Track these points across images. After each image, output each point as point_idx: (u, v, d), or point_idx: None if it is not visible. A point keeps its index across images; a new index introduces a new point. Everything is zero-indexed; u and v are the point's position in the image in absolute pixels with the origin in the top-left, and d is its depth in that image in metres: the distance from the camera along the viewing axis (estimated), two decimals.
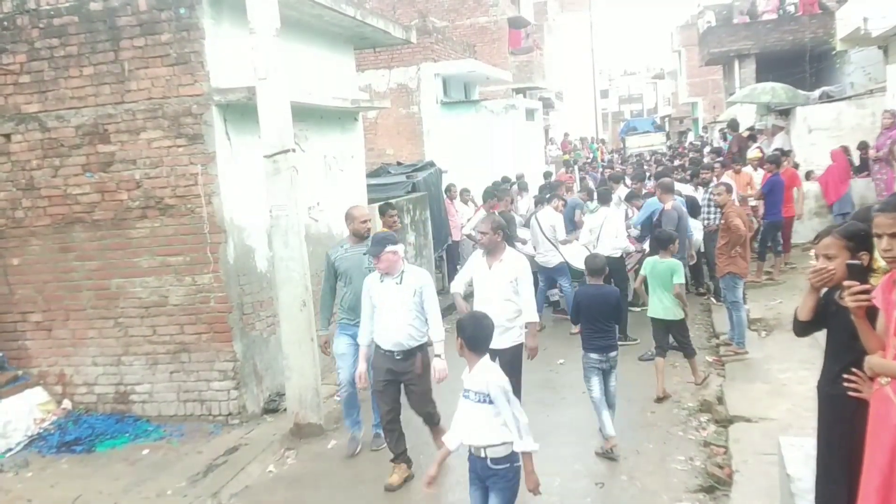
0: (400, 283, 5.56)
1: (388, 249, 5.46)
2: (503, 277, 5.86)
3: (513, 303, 5.88)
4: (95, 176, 7.20)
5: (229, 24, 7.09)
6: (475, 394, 4.14)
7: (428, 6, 26.23)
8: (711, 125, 34.03)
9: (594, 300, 6.32)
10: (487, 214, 5.97)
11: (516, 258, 6.00)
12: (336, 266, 6.31)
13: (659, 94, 69.41)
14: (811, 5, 23.73)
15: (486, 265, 5.97)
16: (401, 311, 5.56)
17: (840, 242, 3.20)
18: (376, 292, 5.65)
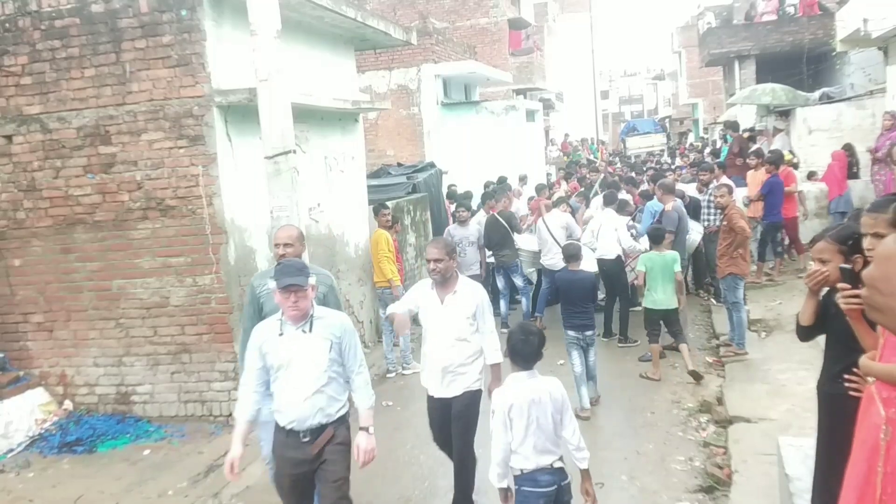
0: (309, 332, 4.06)
1: (311, 282, 4.04)
2: (460, 313, 4.90)
3: (469, 343, 4.94)
4: (97, 177, 7.22)
5: (230, 26, 7.11)
6: None
7: (428, 7, 26.27)
8: (712, 126, 34.07)
9: (572, 284, 7.17)
10: (437, 237, 4.93)
11: (472, 287, 5.03)
12: (262, 302, 4.97)
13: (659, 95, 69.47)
14: (811, 7, 23.76)
15: (437, 299, 4.94)
16: (310, 373, 4.05)
17: (833, 247, 3.22)
18: (273, 348, 4.07)
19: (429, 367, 5.09)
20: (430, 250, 4.93)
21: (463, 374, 4.95)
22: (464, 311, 4.90)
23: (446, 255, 4.86)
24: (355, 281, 9.73)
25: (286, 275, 3.94)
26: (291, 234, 4.93)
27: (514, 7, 29.99)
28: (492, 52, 26.74)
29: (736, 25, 26.19)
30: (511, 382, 4.00)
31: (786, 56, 22.71)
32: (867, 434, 2.78)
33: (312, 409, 4.07)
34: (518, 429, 3.91)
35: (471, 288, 5.01)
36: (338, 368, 4.16)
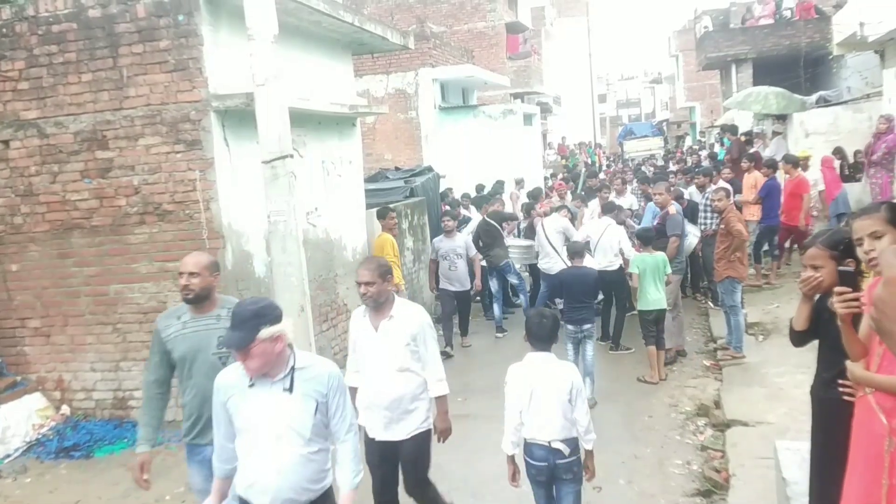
0: (290, 391, 3.18)
1: (263, 336, 3.06)
2: (397, 340, 4.36)
3: (413, 374, 4.42)
4: (94, 182, 7.22)
5: (227, 31, 7.12)
6: None
7: (426, 11, 26.29)
8: (709, 129, 34.12)
9: (575, 279, 7.49)
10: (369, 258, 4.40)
11: (412, 310, 4.50)
12: (168, 346, 4.16)
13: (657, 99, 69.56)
14: (807, 10, 23.82)
15: (371, 326, 4.42)
16: (290, 442, 3.19)
17: (824, 252, 3.23)
18: (240, 405, 3.22)
19: (367, 404, 4.47)
20: (360, 272, 4.37)
21: (410, 413, 4.43)
22: (402, 337, 4.36)
23: (378, 278, 4.31)
24: (353, 285, 9.65)
25: (243, 325, 3.08)
26: (199, 261, 4.14)
27: (512, 11, 30.04)
28: (489, 56, 26.77)
29: (733, 29, 26.26)
30: (527, 361, 4.35)
31: (783, 59, 22.76)
32: (868, 445, 2.75)
33: (291, 487, 3.18)
34: (524, 402, 4.26)
35: (410, 311, 4.46)
36: (323, 433, 3.31)
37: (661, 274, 7.84)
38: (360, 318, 4.52)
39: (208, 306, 4.16)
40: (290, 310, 6.68)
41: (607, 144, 51.56)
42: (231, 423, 3.26)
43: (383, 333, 4.38)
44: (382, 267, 4.38)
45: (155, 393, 4.28)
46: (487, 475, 6.01)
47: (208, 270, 4.13)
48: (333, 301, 9.14)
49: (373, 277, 4.30)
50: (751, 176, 11.26)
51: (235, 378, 3.24)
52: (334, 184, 9.35)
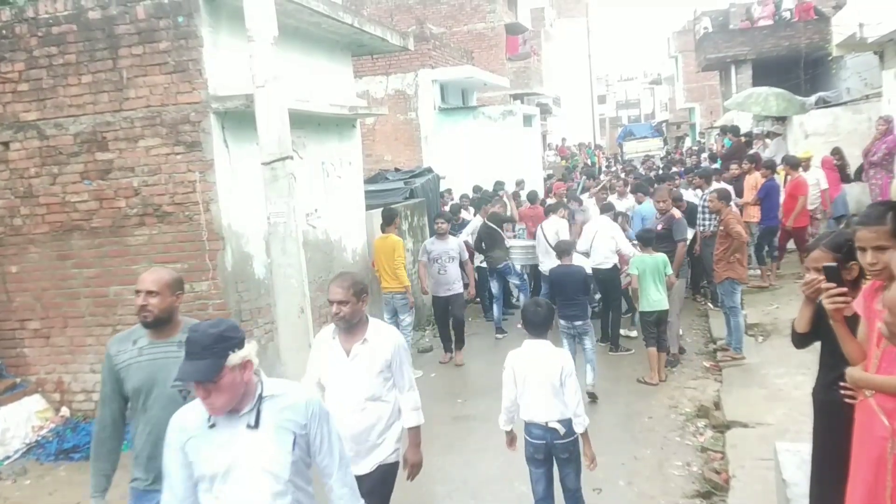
0: (255, 428, 2.70)
1: (231, 363, 2.60)
2: (370, 367, 3.93)
3: (385, 403, 4.01)
4: (94, 183, 7.22)
5: (227, 33, 7.12)
6: None
7: (425, 13, 26.32)
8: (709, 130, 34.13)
9: (564, 277, 7.72)
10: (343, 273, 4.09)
11: (387, 333, 4.06)
12: (121, 376, 3.63)
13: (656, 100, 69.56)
14: (807, 11, 23.84)
15: (342, 350, 3.97)
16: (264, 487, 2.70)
17: (828, 255, 3.22)
18: (203, 452, 2.71)
19: None
20: (333, 290, 3.91)
21: (378, 446, 4.01)
22: (376, 364, 3.94)
23: (353, 297, 3.87)
24: None
25: (186, 357, 2.61)
26: (159, 278, 3.63)
27: (511, 12, 30.07)
28: (489, 58, 26.79)
29: (732, 30, 26.28)
30: (524, 347, 4.65)
31: (782, 60, 22.77)
32: (870, 448, 2.76)
33: None
34: (520, 384, 4.58)
35: (385, 334, 4.03)
36: (304, 474, 2.85)
37: (662, 275, 7.85)
38: (329, 339, 4.03)
39: (169, 330, 3.64)
40: (290, 311, 6.70)
41: (607, 145, 51.55)
42: (190, 470, 2.71)
43: (356, 359, 3.94)
44: (357, 284, 3.94)
45: (108, 434, 3.69)
46: (487, 476, 6.02)
47: (170, 289, 3.63)
48: None
49: (346, 296, 3.87)
50: (751, 177, 11.26)
51: (195, 418, 2.73)
52: (334, 185, 9.35)
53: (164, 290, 3.60)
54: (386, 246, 9.08)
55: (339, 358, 3.97)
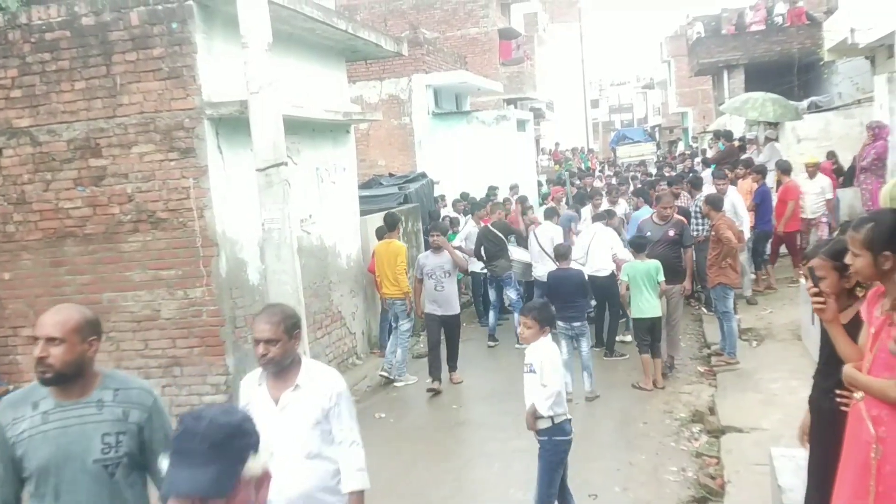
0: None
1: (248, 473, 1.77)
2: (304, 418, 3.26)
3: (325, 460, 3.31)
4: (87, 190, 7.19)
5: (221, 39, 7.12)
6: (527, 366, 4.83)
7: (419, 18, 26.33)
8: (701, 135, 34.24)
9: (562, 281, 7.91)
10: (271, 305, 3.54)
11: (324, 376, 3.39)
12: (18, 451, 2.74)
13: (649, 104, 69.73)
14: (798, 16, 23.98)
15: (269, 398, 3.30)
16: None
17: (827, 263, 3.24)
18: None
19: None
20: (260, 326, 3.23)
21: None
22: (310, 413, 3.26)
23: (284, 334, 3.21)
24: (347, 292, 9.71)
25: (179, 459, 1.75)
26: (64, 321, 2.72)
27: (504, 17, 30.13)
28: (482, 62, 26.82)
29: (724, 35, 26.41)
30: (546, 342, 4.84)
31: (774, 65, 22.89)
32: (857, 452, 2.81)
33: None
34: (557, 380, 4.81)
35: (321, 378, 3.35)
36: None
37: (654, 281, 7.79)
38: (254, 385, 3.37)
39: (82, 388, 2.77)
40: None
41: (600, 149, 51.62)
42: None
43: (286, 409, 3.26)
44: (289, 319, 3.26)
45: None
46: (484, 482, 6.01)
47: (79, 334, 2.73)
48: (328, 308, 9.13)
49: (276, 333, 3.19)
50: (744, 183, 11.29)
51: None
52: (328, 191, 9.35)
53: (70, 335, 2.70)
54: (388, 251, 9.08)
55: (266, 408, 3.25)
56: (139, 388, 2.94)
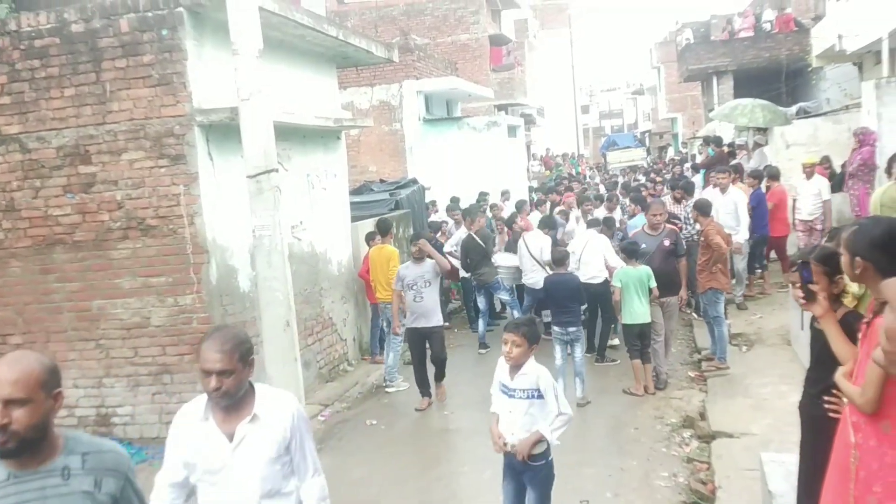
0: None
1: None
2: (264, 452, 2.93)
3: (285, 498, 3.00)
4: (76, 197, 7.17)
5: (211, 46, 7.11)
6: (524, 391, 4.31)
7: (410, 24, 26.38)
8: (691, 141, 34.40)
9: (558, 286, 7.87)
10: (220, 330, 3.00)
11: (279, 400, 3.03)
12: None
13: (639, 110, 69.98)
14: (787, 23, 24.14)
15: (221, 434, 2.93)
16: None
17: (818, 269, 3.26)
18: None
19: None
20: (209, 356, 2.78)
21: None
22: (271, 446, 2.92)
23: (238, 363, 2.81)
24: (338, 298, 9.70)
25: None
26: (26, 375, 2.25)
27: (495, 23, 30.21)
28: (473, 68, 26.87)
29: (713, 41, 26.55)
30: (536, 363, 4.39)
31: (763, 71, 23.03)
32: (840, 456, 2.87)
33: None
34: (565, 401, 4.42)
35: (277, 403, 3.00)
36: None
37: (645, 287, 7.80)
38: (199, 420, 2.94)
39: (43, 453, 2.33)
40: (275, 325, 6.67)
41: (590, 155, 51.80)
42: None
43: (242, 443, 2.90)
44: (243, 344, 2.86)
45: None
46: (474, 489, 6.00)
47: (44, 389, 2.27)
48: (319, 315, 9.12)
49: (230, 363, 2.78)
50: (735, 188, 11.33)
51: None
52: (319, 197, 9.34)
53: (35, 392, 2.24)
54: (382, 256, 9.12)
55: (218, 444, 2.89)
56: (112, 450, 2.49)
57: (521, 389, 4.32)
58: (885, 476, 2.69)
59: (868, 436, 2.77)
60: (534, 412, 4.31)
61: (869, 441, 2.77)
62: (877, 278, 2.81)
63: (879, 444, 2.73)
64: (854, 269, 2.88)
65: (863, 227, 2.96)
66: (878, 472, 2.71)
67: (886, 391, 2.68)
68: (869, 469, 2.75)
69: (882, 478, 2.70)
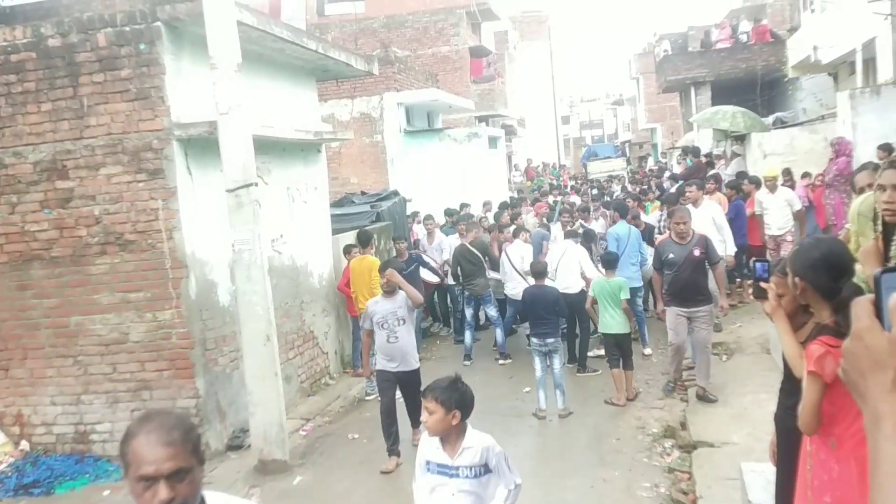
0: None
1: None
2: None
3: None
4: (54, 212, 7.11)
5: (190, 60, 7.09)
6: (470, 468, 3.49)
7: (390, 36, 26.44)
8: (670, 151, 34.67)
9: (537, 297, 7.90)
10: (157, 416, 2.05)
11: None
12: None
13: (619, 120, 70.55)
14: (763, 34, 24.45)
15: None
16: None
17: (782, 280, 3.30)
18: None
19: None
20: (155, 452, 1.92)
21: None
22: None
23: (192, 456, 1.98)
24: (320, 311, 9.67)
25: None
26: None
27: (475, 35, 30.35)
28: (454, 80, 26.97)
29: (691, 53, 26.85)
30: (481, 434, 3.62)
31: (740, 82, 23.31)
32: (802, 464, 2.96)
33: None
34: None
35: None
36: None
37: (618, 299, 7.91)
38: None
39: None
40: (255, 339, 6.64)
41: (571, 165, 52.06)
42: None
43: None
44: (192, 431, 2.04)
45: None
46: None
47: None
48: (300, 328, 9.08)
49: (183, 458, 1.96)
50: (713, 198, 11.42)
51: None
52: (300, 210, 9.32)
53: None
54: (363, 267, 9.10)
55: None
56: None
57: (467, 467, 3.48)
58: (833, 489, 2.80)
59: (819, 449, 2.89)
60: (481, 492, 3.51)
61: (820, 454, 2.88)
62: (816, 298, 2.92)
63: (827, 458, 2.83)
64: (795, 288, 2.98)
65: (802, 248, 3.04)
66: (828, 484, 2.82)
67: (830, 411, 2.79)
68: (821, 479, 2.86)
69: (831, 490, 2.81)
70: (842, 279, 2.84)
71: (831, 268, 2.87)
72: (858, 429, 2.76)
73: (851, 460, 2.74)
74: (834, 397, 2.76)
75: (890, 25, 13.14)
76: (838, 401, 2.75)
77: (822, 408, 2.80)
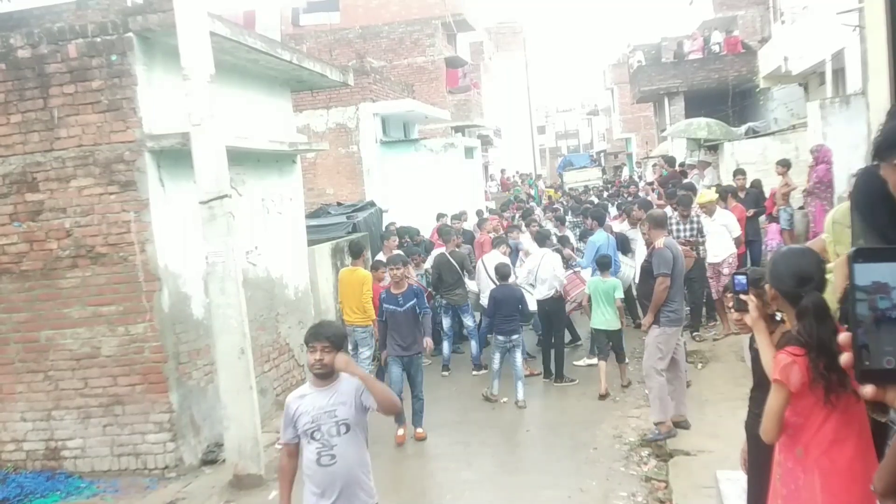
0: None
1: None
2: None
3: None
4: (23, 225, 7.00)
5: (162, 70, 7.03)
6: None
7: (365, 46, 26.45)
8: (645, 160, 34.99)
9: (504, 297, 8.60)
10: None
11: None
12: None
13: (594, 130, 71.07)
14: (734, 45, 24.78)
15: None
16: None
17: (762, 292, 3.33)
18: None
19: None
20: None
21: None
22: None
23: None
24: (296, 324, 9.59)
25: None
26: None
27: (451, 46, 30.44)
28: (430, 91, 27.01)
29: (664, 63, 27.14)
30: None
31: (712, 92, 23.59)
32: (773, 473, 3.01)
33: None
34: None
35: None
36: None
37: (612, 298, 8.57)
38: None
39: None
40: (229, 352, 6.58)
41: (548, 174, 52.35)
42: None
43: None
44: None
45: None
46: None
47: None
48: (275, 341, 9.01)
49: None
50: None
51: None
52: (274, 221, 9.26)
53: None
54: (354, 279, 9.01)
55: None
56: None
57: None
58: (800, 497, 2.85)
59: (787, 457, 2.96)
60: None
61: (787, 462, 2.96)
62: (786, 306, 3.03)
63: (794, 466, 2.92)
64: (767, 294, 3.12)
65: (774, 255, 3.26)
66: (795, 493, 2.89)
67: (796, 420, 2.88)
68: (788, 489, 2.94)
69: (797, 498, 2.86)
70: (804, 287, 2.89)
71: (793, 274, 2.96)
72: (823, 438, 2.82)
73: (815, 470, 2.80)
74: (800, 407, 2.83)
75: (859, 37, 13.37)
76: (805, 410, 2.82)
77: (787, 417, 2.87)
